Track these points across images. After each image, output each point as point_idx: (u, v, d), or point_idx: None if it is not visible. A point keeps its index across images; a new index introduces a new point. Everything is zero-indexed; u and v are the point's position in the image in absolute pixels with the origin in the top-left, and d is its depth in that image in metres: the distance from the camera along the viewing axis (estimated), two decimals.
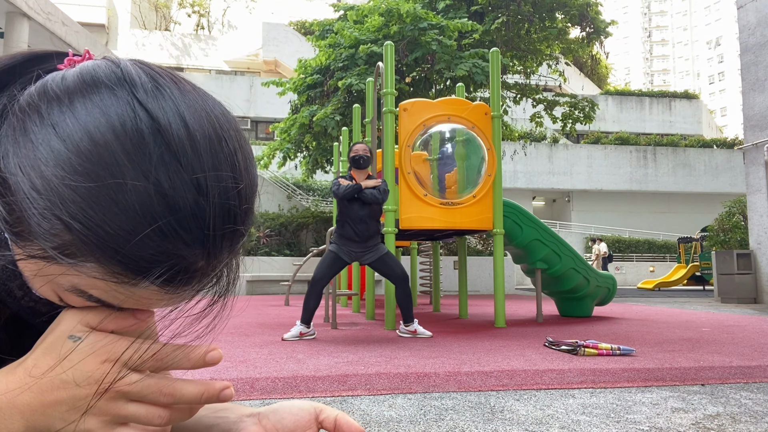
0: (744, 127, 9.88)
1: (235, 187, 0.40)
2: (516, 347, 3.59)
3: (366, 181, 4.19)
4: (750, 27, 9.80)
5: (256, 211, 0.45)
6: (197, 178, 0.38)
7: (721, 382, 2.78)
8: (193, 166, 0.38)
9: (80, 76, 0.40)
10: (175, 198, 0.37)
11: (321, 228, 15.30)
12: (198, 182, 0.38)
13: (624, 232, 26.85)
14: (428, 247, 8.33)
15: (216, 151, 0.40)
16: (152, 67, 0.43)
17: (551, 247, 5.65)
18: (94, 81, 0.40)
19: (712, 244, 11.48)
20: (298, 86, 12.47)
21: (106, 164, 0.36)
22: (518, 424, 2.01)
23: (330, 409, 0.56)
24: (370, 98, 6.30)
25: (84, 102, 0.39)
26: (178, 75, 0.44)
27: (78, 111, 0.38)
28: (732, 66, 75.03)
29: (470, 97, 12.04)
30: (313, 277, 4.16)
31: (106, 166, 0.36)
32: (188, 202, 0.37)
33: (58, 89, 0.40)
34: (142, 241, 0.37)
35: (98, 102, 0.38)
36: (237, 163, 0.41)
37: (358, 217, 4.16)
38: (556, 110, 15.04)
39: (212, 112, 0.42)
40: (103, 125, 0.37)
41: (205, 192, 0.38)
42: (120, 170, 0.36)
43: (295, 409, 0.56)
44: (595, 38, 13.42)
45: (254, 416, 0.57)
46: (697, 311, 7.33)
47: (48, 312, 0.47)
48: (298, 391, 2.51)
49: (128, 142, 0.37)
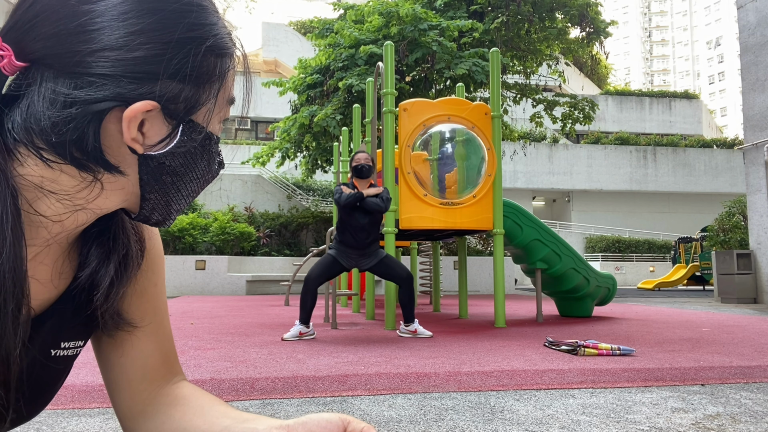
0: (744, 127, 9.88)
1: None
2: (516, 347, 3.59)
3: (368, 190, 4.18)
4: (750, 27, 9.80)
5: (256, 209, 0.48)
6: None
7: (721, 382, 2.78)
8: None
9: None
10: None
11: (321, 228, 15.30)
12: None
13: (624, 232, 26.85)
14: (428, 247, 8.33)
15: None
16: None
17: (551, 247, 5.65)
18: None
19: (712, 244, 11.48)
20: (298, 86, 12.47)
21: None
22: (518, 424, 2.01)
23: (357, 421, 0.57)
24: (370, 98, 6.30)
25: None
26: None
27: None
28: (732, 66, 75.01)
29: (470, 97, 12.03)
30: (306, 276, 4.14)
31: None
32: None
33: None
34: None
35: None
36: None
37: (360, 225, 4.15)
38: (556, 110, 15.03)
39: None
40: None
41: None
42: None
43: (324, 421, 0.57)
44: (595, 38, 13.42)
45: (283, 428, 0.58)
46: (697, 311, 7.33)
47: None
48: (298, 391, 2.51)
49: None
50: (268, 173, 19.80)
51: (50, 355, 0.61)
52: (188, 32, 0.53)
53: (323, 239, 14.47)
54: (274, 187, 18.78)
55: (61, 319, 0.60)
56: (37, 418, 2.10)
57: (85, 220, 0.56)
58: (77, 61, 0.49)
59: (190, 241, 12.82)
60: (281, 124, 12.99)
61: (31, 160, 0.50)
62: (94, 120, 0.50)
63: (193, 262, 12.22)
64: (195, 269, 12.19)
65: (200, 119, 0.57)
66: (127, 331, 0.69)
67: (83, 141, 0.50)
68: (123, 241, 0.64)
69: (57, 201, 0.52)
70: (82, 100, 0.49)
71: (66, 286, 0.61)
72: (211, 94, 0.56)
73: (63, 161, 0.51)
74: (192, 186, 0.60)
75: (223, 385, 2.49)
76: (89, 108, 0.49)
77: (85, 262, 0.61)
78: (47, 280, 0.58)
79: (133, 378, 0.70)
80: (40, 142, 0.50)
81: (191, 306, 7.99)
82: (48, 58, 0.49)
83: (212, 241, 13.00)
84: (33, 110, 0.49)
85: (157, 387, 0.71)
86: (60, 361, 0.62)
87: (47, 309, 0.59)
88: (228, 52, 0.57)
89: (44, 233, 0.54)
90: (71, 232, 0.57)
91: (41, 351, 0.60)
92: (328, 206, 17.26)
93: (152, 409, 0.70)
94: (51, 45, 0.49)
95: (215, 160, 0.61)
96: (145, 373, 0.70)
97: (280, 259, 13.65)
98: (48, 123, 0.49)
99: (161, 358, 0.72)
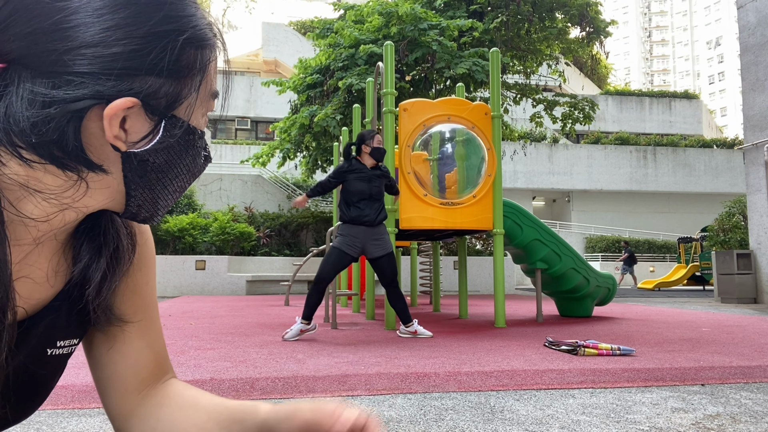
0: (744, 127, 9.88)
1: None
2: (516, 347, 3.59)
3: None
4: (750, 27, 9.80)
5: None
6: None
7: (721, 382, 2.78)
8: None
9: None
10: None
11: (321, 228, 15.29)
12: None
13: (624, 232, 26.85)
14: (428, 247, 8.33)
15: None
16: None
17: (551, 247, 5.65)
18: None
19: (712, 244, 11.48)
20: (298, 86, 12.47)
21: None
22: (518, 424, 2.01)
23: (354, 413, 0.57)
24: (370, 98, 6.30)
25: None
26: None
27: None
28: (732, 66, 75.01)
29: (470, 97, 12.03)
30: (318, 275, 4.07)
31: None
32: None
33: None
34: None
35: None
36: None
37: (367, 193, 4.10)
38: (556, 110, 15.02)
39: None
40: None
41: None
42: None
43: (310, 411, 0.57)
44: (595, 38, 13.41)
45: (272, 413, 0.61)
46: (697, 311, 7.33)
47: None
48: (298, 391, 2.51)
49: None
50: (268, 173, 19.80)
51: (46, 354, 0.61)
52: (164, 25, 0.52)
53: (323, 239, 14.47)
54: (274, 187, 18.77)
55: (58, 317, 0.60)
56: (38, 418, 2.10)
57: (73, 219, 0.56)
58: (54, 60, 0.48)
59: (190, 241, 12.82)
60: (281, 123, 12.99)
61: (13, 161, 0.50)
62: (74, 119, 0.49)
63: (193, 262, 12.21)
64: (195, 269, 12.19)
65: (182, 113, 0.56)
66: (118, 326, 0.69)
67: (64, 140, 0.49)
68: (113, 235, 0.64)
69: (43, 200, 0.52)
70: (60, 100, 0.48)
71: (63, 283, 0.61)
72: (192, 88, 0.56)
73: (44, 161, 0.50)
74: (178, 181, 0.59)
75: (223, 385, 2.49)
76: (68, 107, 0.48)
77: (77, 258, 0.61)
78: (43, 279, 0.58)
79: (124, 376, 0.70)
80: (20, 143, 0.49)
81: (191, 306, 7.99)
82: (24, 58, 0.48)
83: (212, 241, 13.00)
84: (11, 111, 0.48)
85: (148, 386, 0.71)
86: (55, 360, 0.62)
87: (44, 308, 0.59)
88: (208, 44, 0.57)
89: (33, 232, 0.54)
90: (60, 230, 0.57)
91: (38, 350, 0.59)
92: (328, 206, 17.26)
93: (143, 410, 0.69)
94: (26, 45, 0.48)
95: (201, 155, 0.60)
96: (137, 370, 0.70)
97: (280, 259, 13.65)
98: (27, 124, 0.48)
99: (152, 356, 0.72)
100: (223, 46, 0.60)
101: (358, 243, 4.13)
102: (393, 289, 4.23)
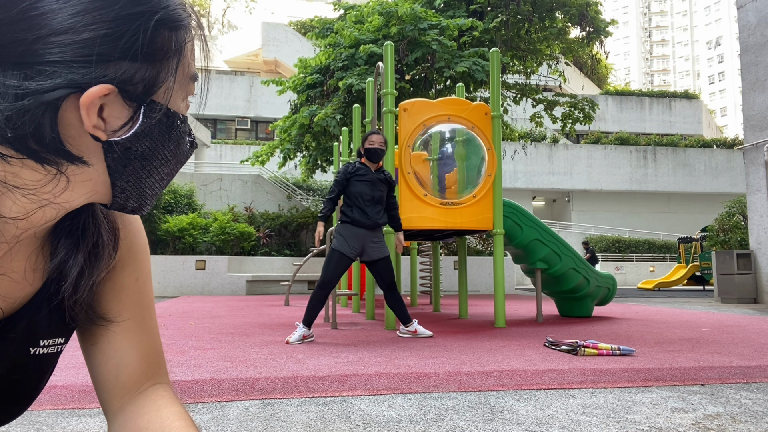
0: (744, 127, 9.88)
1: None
2: (516, 347, 3.59)
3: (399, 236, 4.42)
4: (750, 27, 9.80)
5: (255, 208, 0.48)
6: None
7: (721, 382, 2.78)
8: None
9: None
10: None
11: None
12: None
13: (624, 232, 26.85)
14: (428, 247, 8.33)
15: None
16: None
17: (551, 247, 5.65)
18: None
19: (712, 244, 11.48)
20: (298, 86, 12.47)
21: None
22: (518, 424, 2.00)
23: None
24: (370, 98, 6.30)
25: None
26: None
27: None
28: (732, 66, 75.01)
29: (470, 96, 12.04)
30: (322, 280, 4.05)
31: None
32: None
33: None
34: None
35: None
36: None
37: (369, 197, 4.13)
38: (556, 110, 15.03)
39: None
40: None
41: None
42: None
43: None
44: (595, 38, 13.41)
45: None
46: (697, 311, 7.33)
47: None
48: (298, 391, 2.51)
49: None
50: (268, 173, 19.79)
51: (29, 353, 0.59)
52: (135, 6, 0.50)
53: (323, 239, 14.46)
54: (274, 187, 18.76)
55: (38, 316, 0.59)
56: (38, 418, 2.09)
57: (54, 216, 0.55)
58: (23, 51, 0.46)
59: (190, 241, 12.82)
60: (281, 123, 12.99)
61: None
62: (50, 110, 0.47)
63: (193, 262, 12.22)
64: (195, 269, 12.19)
65: (161, 98, 0.54)
66: (101, 326, 0.66)
67: (40, 133, 0.48)
68: (92, 230, 0.62)
69: (22, 196, 0.50)
70: (33, 91, 0.46)
71: (42, 282, 0.59)
72: (169, 71, 0.54)
73: (21, 156, 0.48)
74: (164, 168, 0.57)
75: (223, 385, 2.49)
76: (42, 98, 0.47)
77: (54, 254, 0.59)
78: (21, 277, 0.56)
79: (105, 379, 0.67)
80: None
81: (191, 306, 7.99)
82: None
83: (212, 241, 13.00)
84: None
85: (129, 392, 0.67)
86: (40, 359, 0.61)
87: (23, 306, 0.58)
88: (182, 24, 0.54)
89: (12, 230, 0.52)
90: (40, 228, 0.55)
91: (20, 349, 0.58)
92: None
93: (122, 417, 0.66)
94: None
95: (185, 140, 0.58)
96: (116, 375, 0.67)
97: (280, 259, 13.65)
98: (1, 118, 0.46)
99: (138, 358, 0.68)
100: (198, 26, 0.58)
101: (357, 244, 4.13)
102: (391, 293, 4.23)
